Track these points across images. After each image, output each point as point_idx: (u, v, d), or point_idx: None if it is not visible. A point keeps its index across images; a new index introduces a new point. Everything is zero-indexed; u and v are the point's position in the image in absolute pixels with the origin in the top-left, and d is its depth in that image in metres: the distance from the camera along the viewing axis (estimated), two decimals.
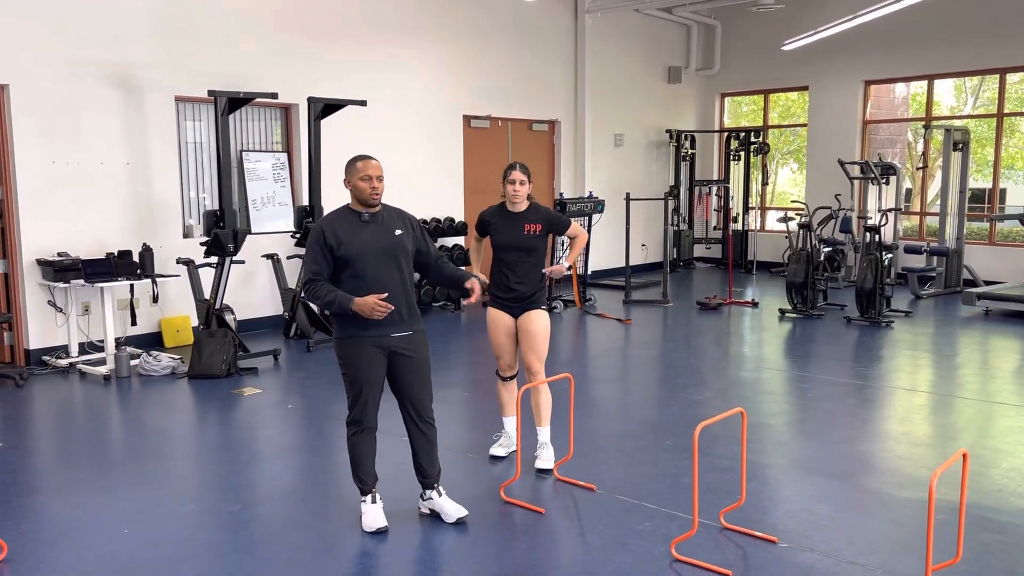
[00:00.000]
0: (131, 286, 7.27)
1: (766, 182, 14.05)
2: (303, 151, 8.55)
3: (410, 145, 9.81)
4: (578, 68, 11.94)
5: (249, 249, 7.80)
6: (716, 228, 13.92)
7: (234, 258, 7.22)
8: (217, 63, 8.04)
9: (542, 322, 4.54)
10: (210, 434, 5.51)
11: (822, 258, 10.13)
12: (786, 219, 11.31)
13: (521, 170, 4.51)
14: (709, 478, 4.36)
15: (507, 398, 4.72)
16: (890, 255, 9.85)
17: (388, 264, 3.74)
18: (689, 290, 11.32)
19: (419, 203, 9.52)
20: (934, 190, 14.97)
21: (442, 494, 3.94)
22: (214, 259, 7.18)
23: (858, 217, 11.66)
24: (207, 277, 7.34)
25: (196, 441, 5.34)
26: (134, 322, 7.38)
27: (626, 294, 10.45)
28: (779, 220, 11.22)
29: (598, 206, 10.12)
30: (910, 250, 11.09)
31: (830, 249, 11.36)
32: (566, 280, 10.53)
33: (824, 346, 7.86)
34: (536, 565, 3.54)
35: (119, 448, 5.22)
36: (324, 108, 7.91)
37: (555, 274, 4.76)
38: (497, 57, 10.81)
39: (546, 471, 4.52)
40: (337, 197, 8.67)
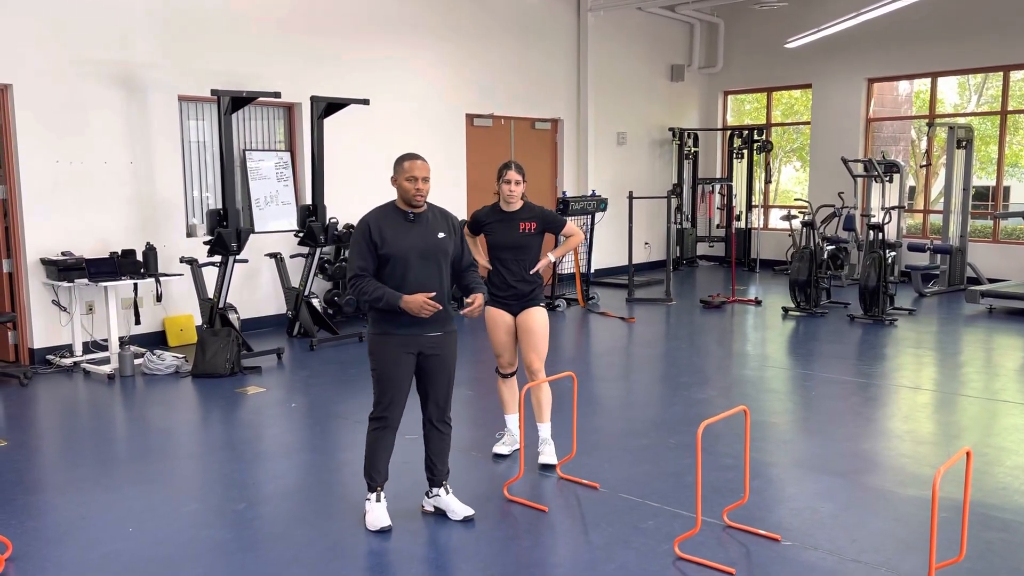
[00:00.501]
0: (135, 285, 7.29)
1: (769, 180, 14.03)
2: (306, 150, 8.56)
3: (413, 144, 9.65)
4: (581, 66, 11.93)
5: (252, 248, 7.81)
6: (719, 226, 13.88)
7: (237, 257, 7.23)
8: (220, 62, 8.05)
9: (541, 319, 4.56)
10: (214, 433, 5.52)
11: (825, 256, 10.11)
12: (789, 217, 11.32)
13: (516, 169, 4.53)
14: (712, 476, 4.36)
15: (508, 395, 4.74)
16: (894, 253, 9.82)
17: (429, 265, 3.76)
18: (692, 288, 11.31)
19: None
20: (938, 188, 14.96)
21: (449, 492, 3.96)
22: (217, 258, 7.19)
23: (861, 215, 11.64)
24: (211, 276, 7.35)
25: (200, 440, 5.35)
26: (138, 321, 7.40)
27: (629, 292, 10.44)
28: (782, 218, 11.22)
29: (601, 205, 10.11)
30: (914, 248, 11.06)
31: (833, 247, 11.34)
32: (569, 279, 10.53)
33: (827, 344, 7.85)
34: (539, 563, 3.54)
35: (123, 447, 5.23)
36: (327, 107, 7.91)
37: (543, 269, 4.70)
38: (500, 56, 10.81)
39: (550, 466, 4.54)
40: (338, 197, 8.80)
